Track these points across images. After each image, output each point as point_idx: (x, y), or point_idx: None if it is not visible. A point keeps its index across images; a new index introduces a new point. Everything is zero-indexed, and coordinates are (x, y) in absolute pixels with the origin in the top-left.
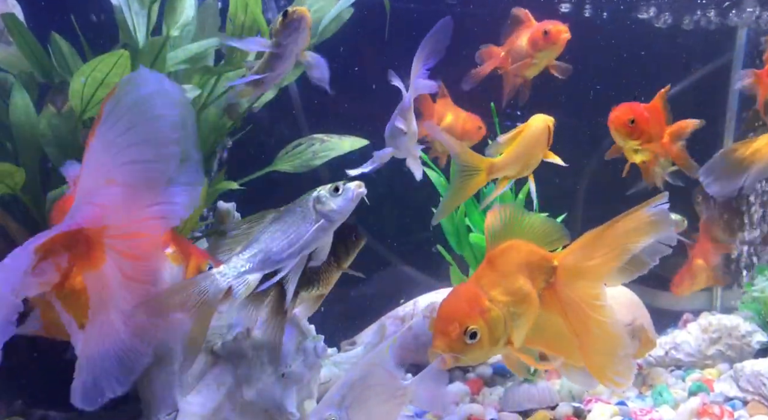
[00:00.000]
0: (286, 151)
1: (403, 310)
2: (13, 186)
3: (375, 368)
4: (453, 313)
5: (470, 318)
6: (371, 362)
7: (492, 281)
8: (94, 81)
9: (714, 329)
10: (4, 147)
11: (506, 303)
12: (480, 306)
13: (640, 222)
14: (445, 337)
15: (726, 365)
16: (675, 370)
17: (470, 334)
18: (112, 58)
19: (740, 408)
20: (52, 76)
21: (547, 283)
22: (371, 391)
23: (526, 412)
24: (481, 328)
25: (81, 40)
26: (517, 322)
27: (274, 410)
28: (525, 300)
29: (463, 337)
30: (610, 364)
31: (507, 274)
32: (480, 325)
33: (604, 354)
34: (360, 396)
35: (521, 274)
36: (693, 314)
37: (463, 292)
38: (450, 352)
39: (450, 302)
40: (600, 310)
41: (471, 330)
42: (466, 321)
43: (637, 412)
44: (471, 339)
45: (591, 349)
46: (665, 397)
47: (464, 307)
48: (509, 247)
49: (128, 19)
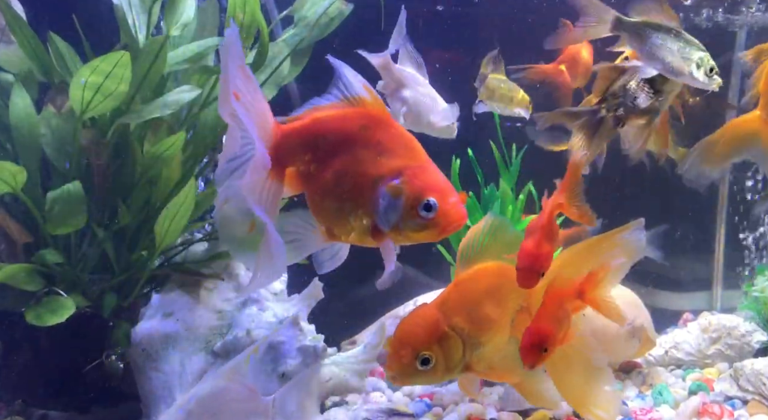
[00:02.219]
0: None
1: (403, 309)
2: (14, 185)
3: (231, 384)
4: (407, 337)
5: (424, 344)
6: (226, 376)
7: (456, 306)
8: (95, 81)
9: (714, 329)
10: (4, 147)
11: (468, 331)
12: (437, 332)
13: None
14: (397, 362)
15: (726, 365)
16: (675, 370)
17: (422, 360)
18: (112, 58)
19: (740, 407)
20: (53, 75)
21: (521, 307)
22: (225, 408)
23: (526, 411)
24: (436, 355)
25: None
26: (479, 351)
27: None
28: (490, 328)
29: (414, 362)
30: (592, 396)
31: (473, 300)
32: (434, 352)
33: (585, 386)
34: (209, 413)
35: (489, 301)
36: (693, 314)
37: (422, 315)
38: (401, 377)
39: (407, 325)
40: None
41: (423, 356)
42: (419, 347)
43: (637, 412)
44: (423, 365)
45: (569, 381)
46: (665, 396)
47: (420, 333)
48: (479, 271)
49: (129, 19)
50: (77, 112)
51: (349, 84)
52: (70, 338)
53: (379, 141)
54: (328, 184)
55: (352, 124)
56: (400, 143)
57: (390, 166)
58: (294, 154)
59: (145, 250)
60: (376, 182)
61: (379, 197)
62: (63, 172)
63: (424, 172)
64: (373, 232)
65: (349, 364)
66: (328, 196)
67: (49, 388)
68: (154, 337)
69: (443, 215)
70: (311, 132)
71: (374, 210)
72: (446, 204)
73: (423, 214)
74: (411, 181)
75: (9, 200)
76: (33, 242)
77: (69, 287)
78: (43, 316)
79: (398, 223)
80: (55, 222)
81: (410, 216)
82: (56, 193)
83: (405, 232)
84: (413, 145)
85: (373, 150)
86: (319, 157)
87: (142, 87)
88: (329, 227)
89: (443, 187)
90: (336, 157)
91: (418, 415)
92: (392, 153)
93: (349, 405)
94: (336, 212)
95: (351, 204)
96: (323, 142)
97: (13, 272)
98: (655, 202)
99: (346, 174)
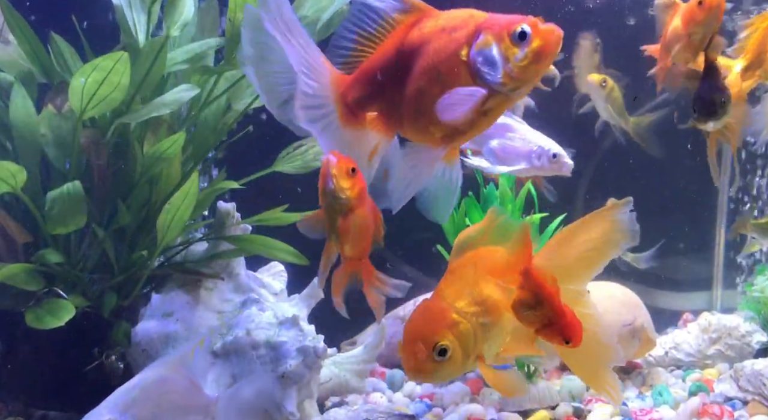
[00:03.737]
0: (287, 152)
1: (403, 309)
2: (14, 185)
3: (174, 375)
4: (418, 331)
5: (437, 334)
6: (172, 367)
7: (456, 292)
8: (95, 81)
9: (714, 329)
10: (4, 147)
11: (475, 314)
12: (446, 320)
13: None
14: (413, 359)
15: (726, 365)
16: (675, 370)
17: (439, 351)
18: (112, 58)
19: (740, 408)
20: (52, 75)
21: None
22: (165, 399)
23: (526, 412)
24: (451, 343)
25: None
26: (489, 333)
27: (274, 410)
28: (495, 309)
29: (432, 355)
30: (599, 375)
31: (471, 283)
32: (449, 340)
33: (591, 364)
34: (151, 403)
35: (487, 282)
36: (693, 314)
37: (426, 307)
38: (421, 374)
39: (414, 320)
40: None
41: (440, 347)
42: (434, 338)
43: (637, 412)
44: (441, 356)
45: (578, 359)
46: (665, 397)
47: (429, 324)
48: (471, 256)
49: (129, 19)
50: (77, 112)
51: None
52: (70, 338)
53: (440, 26)
54: (421, 93)
55: (406, 36)
56: (459, 14)
57: (464, 33)
58: (367, 97)
59: (146, 250)
60: (464, 53)
61: (475, 62)
62: (63, 172)
63: (498, 18)
64: (486, 100)
65: (349, 365)
66: (428, 103)
67: (49, 388)
68: (154, 337)
69: (539, 35)
70: (373, 68)
71: (477, 76)
72: (533, 25)
73: (521, 44)
74: (492, 27)
75: (9, 200)
76: (33, 242)
77: (69, 287)
78: (43, 318)
79: (506, 70)
80: (55, 222)
81: (512, 53)
82: (56, 193)
83: (515, 72)
84: (472, 12)
85: (442, 36)
86: (393, 84)
87: (142, 87)
88: (444, 134)
89: (517, 17)
90: (411, 67)
91: (418, 416)
92: (458, 25)
93: (349, 405)
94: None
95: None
96: (390, 68)
97: (13, 272)
98: (656, 203)
99: (432, 70)
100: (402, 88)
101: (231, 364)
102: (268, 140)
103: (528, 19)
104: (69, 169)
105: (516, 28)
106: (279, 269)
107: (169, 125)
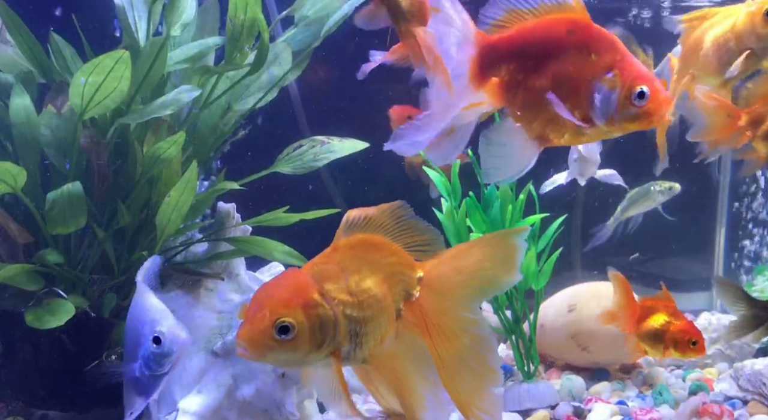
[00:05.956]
0: (287, 152)
1: None
2: (14, 186)
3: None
4: (266, 299)
5: (287, 308)
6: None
7: (330, 272)
8: (95, 81)
9: (714, 329)
10: (4, 147)
11: (344, 303)
12: (305, 297)
13: (500, 248)
14: (251, 328)
15: (726, 365)
16: (675, 370)
17: (281, 328)
18: (112, 57)
19: (740, 407)
20: (52, 75)
21: (407, 295)
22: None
23: (526, 411)
24: (299, 325)
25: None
26: (359, 330)
27: (274, 410)
28: (372, 306)
29: (271, 330)
30: (476, 398)
31: (355, 268)
32: (298, 320)
33: (470, 385)
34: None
35: (375, 275)
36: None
37: (287, 276)
38: (254, 347)
39: (269, 286)
40: (470, 336)
41: (283, 323)
42: (280, 311)
43: (637, 412)
44: (281, 334)
45: (455, 378)
46: (665, 396)
47: (282, 294)
48: (366, 239)
49: (131, 19)
50: (77, 112)
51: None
52: (71, 338)
53: (586, 42)
54: (542, 90)
55: (559, 29)
56: (606, 41)
57: (602, 63)
58: (500, 64)
59: (146, 251)
60: (591, 79)
61: (594, 92)
62: (63, 172)
63: (632, 65)
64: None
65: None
66: (542, 102)
67: (49, 388)
68: None
69: (654, 102)
70: (518, 42)
71: (589, 106)
72: (656, 91)
73: (637, 102)
74: (624, 73)
75: (9, 200)
76: (33, 242)
77: (69, 287)
78: (43, 318)
79: (613, 115)
80: (55, 222)
81: (625, 106)
82: (56, 193)
83: (619, 122)
84: (616, 42)
85: (583, 51)
86: (528, 65)
87: (142, 87)
88: (541, 133)
89: (651, 76)
90: (546, 63)
91: None
92: (600, 51)
93: None
94: (550, 117)
95: (566, 106)
96: (532, 50)
97: (13, 272)
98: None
99: (560, 77)
100: (531, 71)
101: (231, 364)
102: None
103: (655, 79)
104: (69, 170)
105: (639, 88)
106: (279, 270)
107: (169, 126)
